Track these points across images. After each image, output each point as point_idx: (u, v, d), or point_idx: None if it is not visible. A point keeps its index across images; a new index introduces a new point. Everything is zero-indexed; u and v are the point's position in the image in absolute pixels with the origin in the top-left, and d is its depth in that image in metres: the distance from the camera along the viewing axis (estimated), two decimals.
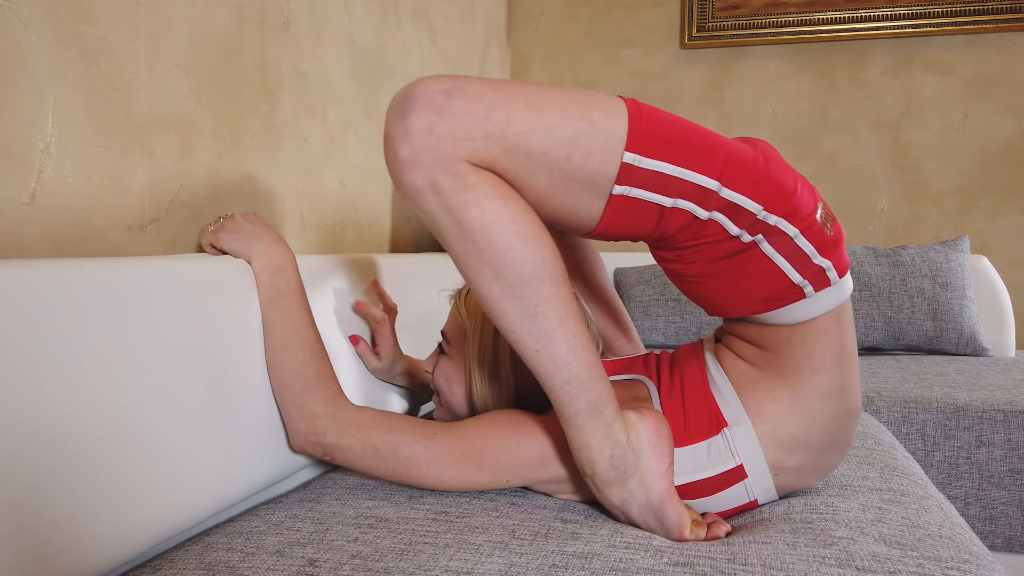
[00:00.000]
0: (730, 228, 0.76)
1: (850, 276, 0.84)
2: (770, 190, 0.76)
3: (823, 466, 0.88)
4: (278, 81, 1.30)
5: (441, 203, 0.70)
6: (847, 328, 0.84)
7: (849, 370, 0.85)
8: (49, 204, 0.85)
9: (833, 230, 0.80)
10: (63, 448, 0.62)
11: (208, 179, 1.12)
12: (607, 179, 0.73)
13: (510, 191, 0.72)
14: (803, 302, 0.81)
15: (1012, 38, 2.38)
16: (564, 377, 0.75)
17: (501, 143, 0.70)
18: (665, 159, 0.72)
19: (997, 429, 1.50)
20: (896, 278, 2.08)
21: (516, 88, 0.72)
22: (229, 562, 0.70)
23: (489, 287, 0.73)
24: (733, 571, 0.67)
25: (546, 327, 0.74)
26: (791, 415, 0.84)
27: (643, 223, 0.76)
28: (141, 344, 0.72)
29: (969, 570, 0.70)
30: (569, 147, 0.71)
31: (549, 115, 0.71)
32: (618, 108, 0.73)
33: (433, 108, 0.69)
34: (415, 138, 0.69)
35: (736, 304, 0.83)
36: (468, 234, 0.71)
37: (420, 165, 0.69)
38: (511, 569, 0.68)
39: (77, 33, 0.88)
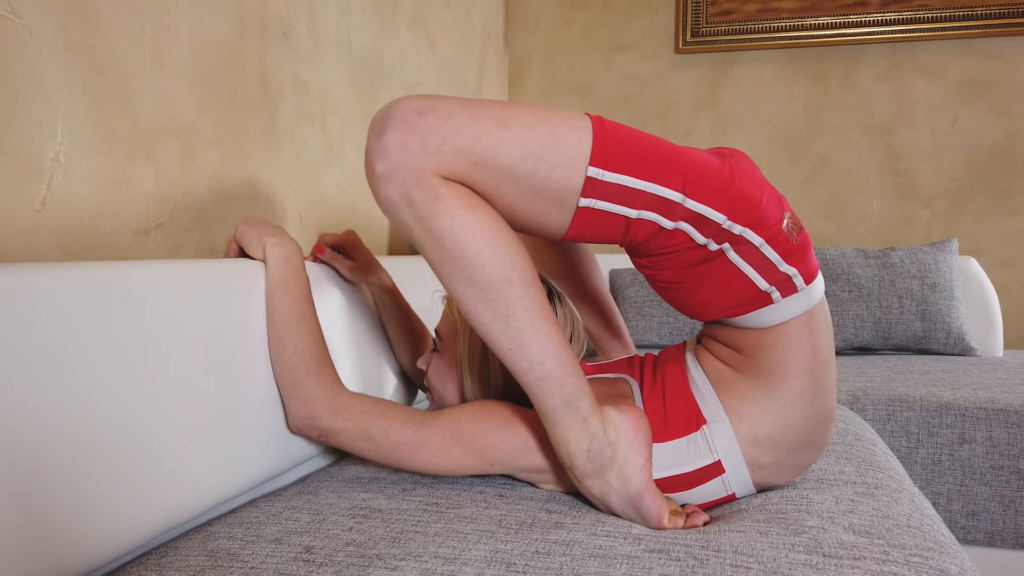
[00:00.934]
0: (696, 237, 0.80)
1: (821, 282, 0.88)
2: (734, 201, 0.79)
3: (798, 464, 0.92)
4: (278, 89, 1.34)
5: (414, 214, 0.75)
6: (819, 332, 0.87)
7: (822, 373, 0.88)
8: (58, 210, 0.89)
9: (799, 239, 0.84)
10: (74, 443, 0.66)
11: (211, 185, 1.16)
12: (572, 192, 0.77)
13: (478, 201, 0.77)
14: (771, 307, 0.84)
15: (1001, 43, 2.42)
16: (538, 374, 0.79)
17: (469, 157, 0.75)
18: (628, 173, 0.76)
19: (979, 427, 1.54)
20: (885, 279, 2.12)
21: (486, 107, 0.77)
22: (230, 549, 0.74)
23: (462, 291, 0.78)
24: (706, 557, 0.71)
25: (517, 327, 0.78)
26: (767, 415, 0.88)
27: (611, 232, 0.81)
28: (146, 344, 0.76)
29: (931, 557, 0.74)
30: (535, 161, 0.76)
31: (516, 131, 0.76)
32: (583, 125, 0.77)
33: (407, 126, 0.74)
34: (390, 154, 0.74)
35: (709, 309, 0.87)
36: (439, 242, 0.76)
37: (394, 179, 0.74)
38: (496, 555, 0.72)
39: (85, 46, 0.92)
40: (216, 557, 0.72)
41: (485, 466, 0.91)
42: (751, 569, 0.69)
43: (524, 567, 0.69)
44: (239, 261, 0.96)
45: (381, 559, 0.71)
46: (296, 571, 0.69)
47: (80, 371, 0.68)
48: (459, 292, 0.78)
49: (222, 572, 0.69)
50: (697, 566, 0.69)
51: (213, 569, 0.70)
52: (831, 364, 0.89)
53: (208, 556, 0.73)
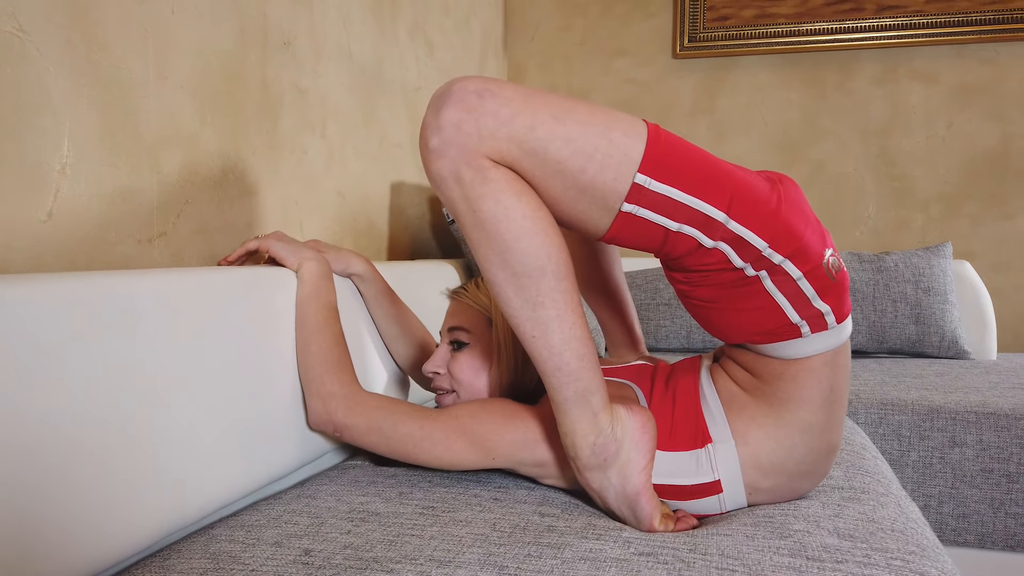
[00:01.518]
0: (734, 260, 0.80)
1: (850, 323, 0.88)
2: (777, 229, 0.79)
3: (795, 490, 0.93)
4: (279, 98, 1.36)
5: (461, 192, 0.77)
6: (839, 371, 0.88)
7: (834, 410, 0.89)
8: (64, 221, 0.92)
9: (838, 277, 0.84)
10: (79, 449, 0.69)
11: (212, 194, 1.18)
12: (617, 196, 0.78)
13: (525, 188, 0.78)
14: (799, 340, 0.85)
15: (995, 48, 2.44)
16: (556, 364, 0.81)
17: (522, 146, 0.76)
18: (675, 185, 0.77)
19: (969, 430, 1.56)
20: (880, 283, 2.14)
21: (544, 98, 0.78)
22: (232, 552, 0.77)
23: (496, 273, 0.80)
24: (693, 560, 0.74)
25: (544, 316, 0.80)
26: (772, 442, 0.89)
27: (649, 241, 0.82)
28: (149, 351, 0.79)
29: (912, 560, 0.76)
30: (585, 160, 0.77)
31: (570, 128, 0.77)
32: (638, 131, 0.78)
33: (464, 106, 0.75)
34: (445, 131, 0.75)
35: (736, 332, 0.88)
36: (482, 223, 0.78)
37: (446, 155, 0.76)
38: (489, 558, 0.74)
39: (90, 61, 0.94)
40: (218, 560, 0.75)
41: (487, 459, 0.93)
42: (736, 572, 0.71)
43: (516, 570, 0.72)
44: (241, 269, 0.98)
45: (378, 562, 0.73)
46: (295, 573, 0.71)
47: (86, 378, 0.70)
48: (492, 273, 0.81)
49: (223, 574, 0.71)
50: (684, 569, 0.72)
51: (215, 571, 0.72)
52: (844, 402, 0.90)
53: (210, 559, 0.75)
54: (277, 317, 1.00)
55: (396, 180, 1.91)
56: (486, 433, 0.93)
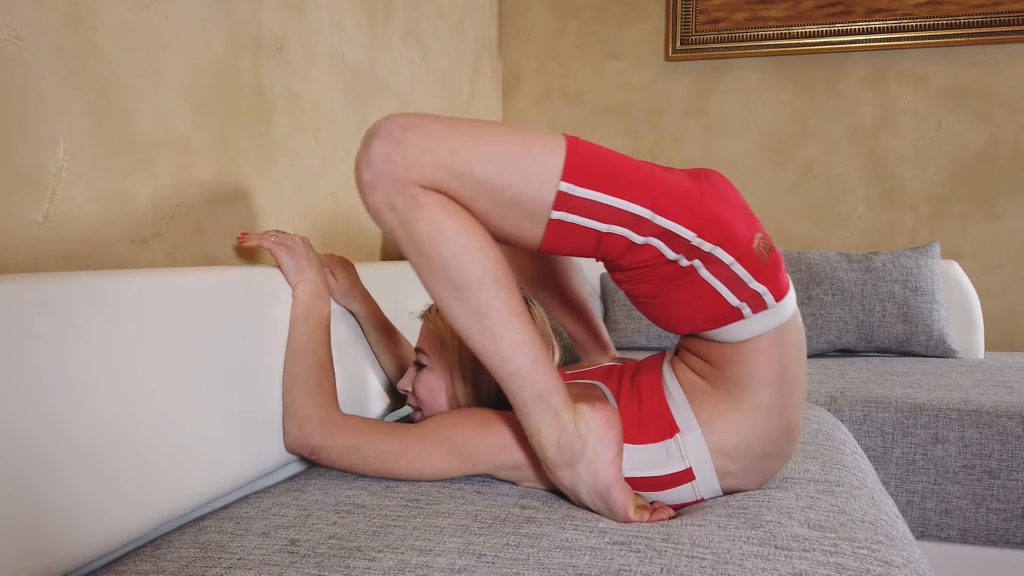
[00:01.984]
0: (667, 252, 0.84)
1: (792, 301, 0.91)
2: (703, 220, 0.83)
3: (764, 472, 0.97)
4: (272, 103, 1.39)
5: (397, 219, 0.82)
6: (789, 350, 0.91)
7: (790, 390, 0.92)
8: (60, 223, 0.94)
9: (770, 258, 0.87)
10: (74, 444, 0.72)
11: (206, 196, 1.21)
12: (544, 205, 0.83)
13: (457, 208, 0.83)
14: (742, 323, 0.88)
15: (983, 51, 2.47)
16: (510, 370, 0.85)
17: (448, 170, 0.81)
18: (598, 189, 0.82)
19: (952, 427, 1.59)
20: (868, 283, 2.17)
21: (467, 125, 0.83)
22: (220, 542, 0.79)
23: (440, 291, 0.84)
24: (664, 549, 0.76)
25: (490, 325, 0.84)
26: (735, 426, 0.92)
27: (583, 245, 0.86)
28: (143, 348, 0.82)
29: (878, 550, 0.79)
30: (509, 176, 0.82)
31: (492, 147, 0.82)
32: (558, 143, 0.83)
33: (391, 140, 0.80)
34: (375, 164, 0.81)
35: (682, 322, 0.91)
36: (419, 245, 0.82)
37: (379, 187, 0.81)
38: (468, 547, 0.77)
39: (85, 67, 0.97)
40: (207, 549, 0.78)
41: (466, 467, 0.96)
42: (705, 559, 0.74)
43: (493, 558, 0.74)
44: (235, 269, 1.01)
45: (361, 551, 0.76)
46: (281, 562, 0.74)
47: (82, 376, 0.73)
48: (437, 291, 0.85)
49: (211, 563, 0.74)
50: (655, 556, 0.74)
51: (203, 560, 0.75)
52: (800, 381, 0.93)
53: (199, 548, 0.78)
54: (270, 315, 1.03)
55: None
56: (464, 440, 0.96)
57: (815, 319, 2.18)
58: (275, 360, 1.03)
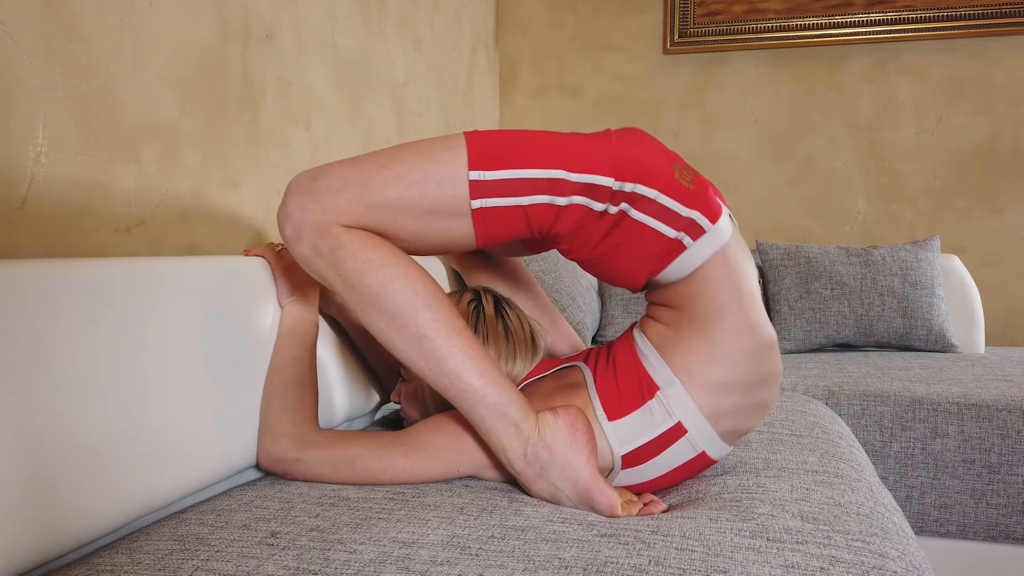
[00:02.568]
0: (594, 206, 0.86)
1: (727, 221, 0.91)
2: (616, 163, 0.85)
3: (759, 403, 0.95)
4: (262, 91, 1.37)
5: (325, 263, 0.85)
6: (738, 268, 0.91)
7: (752, 306, 0.91)
8: (39, 209, 0.92)
9: (695, 184, 0.88)
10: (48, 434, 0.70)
11: (193, 184, 1.19)
12: (462, 200, 0.85)
13: (379, 241, 0.85)
14: (686, 253, 0.88)
15: (984, 43, 2.45)
16: (459, 387, 0.85)
17: (362, 202, 0.84)
18: (506, 167, 0.84)
19: (951, 421, 1.57)
20: (867, 277, 2.14)
21: (370, 157, 0.87)
22: (199, 534, 0.78)
23: (376, 323, 0.86)
24: (653, 541, 0.74)
25: (430, 347, 0.84)
26: (711, 361, 0.90)
27: (515, 225, 0.87)
28: (123, 338, 0.80)
29: (873, 542, 0.77)
30: (420, 187, 0.84)
31: (396, 168, 0.85)
32: (457, 141, 0.86)
33: (303, 191, 0.84)
34: (293, 217, 0.84)
35: (634, 272, 0.91)
36: (349, 283, 0.84)
37: (303, 237, 0.84)
38: (453, 540, 0.75)
39: (66, 51, 0.95)
40: (184, 541, 0.76)
41: (451, 471, 0.94)
42: (694, 552, 0.72)
43: (478, 550, 0.72)
44: (219, 259, 0.99)
45: (342, 543, 0.74)
46: (259, 554, 0.72)
47: (58, 365, 0.71)
48: (374, 326, 0.86)
49: (188, 555, 0.72)
50: (643, 549, 0.72)
51: (180, 552, 0.73)
52: (756, 294, 0.93)
53: (177, 540, 0.76)
54: (256, 305, 1.01)
55: None
56: (447, 444, 0.94)
57: (814, 313, 2.16)
58: (260, 351, 1.01)
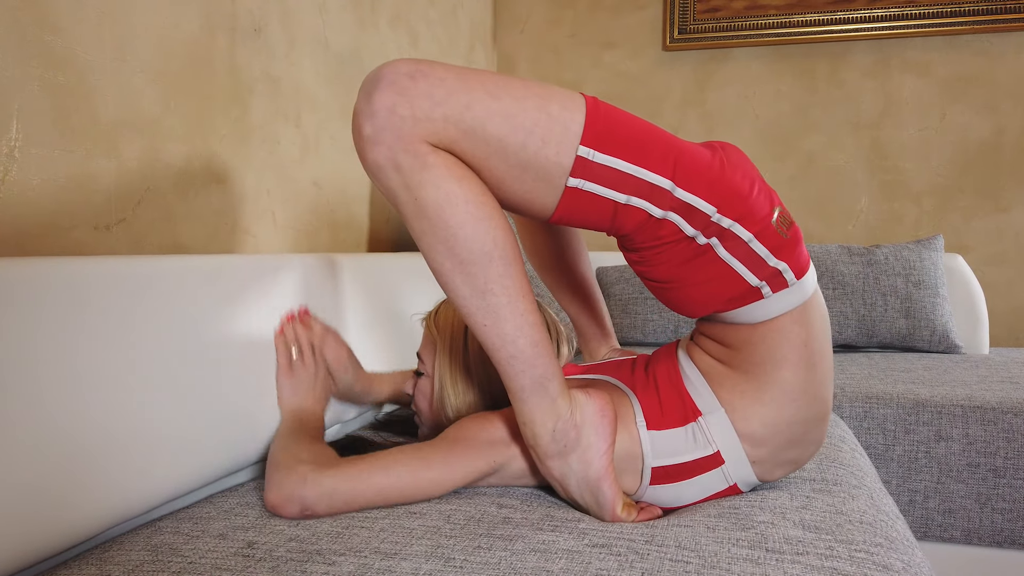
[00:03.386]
0: (686, 229, 0.78)
1: (813, 276, 0.86)
2: (724, 193, 0.78)
3: (791, 460, 0.91)
4: (249, 86, 1.34)
5: (401, 180, 0.74)
6: (811, 328, 0.85)
7: (815, 367, 0.86)
8: (13, 206, 0.89)
9: (790, 233, 0.82)
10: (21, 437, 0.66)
11: (177, 181, 1.16)
12: (562, 170, 0.76)
13: (466, 172, 0.76)
14: (762, 302, 0.83)
15: (989, 39, 2.41)
16: (510, 352, 0.79)
17: (459, 126, 0.73)
18: (619, 155, 0.75)
19: (955, 424, 1.53)
20: (870, 276, 2.11)
21: (479, 76, 0.76)
22: (173, 544, 0.74)
23: (441, 263, 0.77)
24: (647, 552, 0.71)
25: (494, 304, 0.77)
26: (759, 407, 0.86)
27: (599, 217, 0.79)
28: (100, 341, 0.76)
29: (876, 553, 0.74)
30: (525, 135, 0.74)
31: (507, 103, 0.74)
32: (576, 103, 0.76)
33: (397, 88, 0.72)
34: (378, 117, 0.72)
35: (699, 305, 0.85)
36: (423, 211, 0.75)
37: (382, 143, 0.73)
38: (437, 551, 0.72)
39: (42, 42, 0.92)
40: (158, 552, 0.73)
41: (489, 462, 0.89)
42: (690, 563, 0.69)
43: (463, 562, 0.69)
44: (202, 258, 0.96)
45: (321, 554, 0.71)
46: (234, 566, 0.69)
47: (28, 367, 0.68)
48: (439, 263, 0.78)
49: (160, 567, 0.69)
50: (636, 560, 0.69)
51: (152, 563, 0.70)
52: (825, 358, 0.88)
53: (150, 551, 0.73)
54: (238, 307, 0.97)
55: None
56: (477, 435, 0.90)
57: None
58: (242, 353, 0.97)
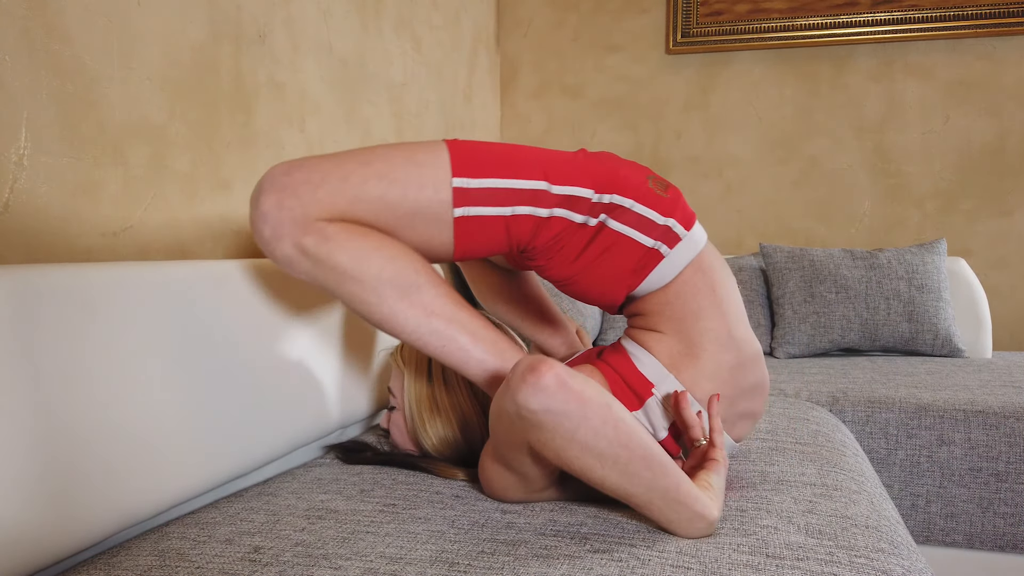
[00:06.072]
0: (574, 218, 0.86)
1: (700, 229, 0.92)
2: (596, 175, 0.86)
3: (744, 413, 0.94)
4: (254, 92, 1.35)
5: (312, 261, 0.81)
6: (712, 273, 0.91)
7: (729, 311, 0.91)
8: (22, 213, 0.90)
9: (669, 193, 0.89)
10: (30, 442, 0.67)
11: (183, 187, 1.17)
12: (445, 206, 0.83)
13: (365, 229, 0.83)
14: (663, 263, 0.88)
15: (992, 43, 2.41)
16: (478, 362, 0.84)
17: (343, 196, 0.81)
18: (491, 175, 0.84)
19: (958, 428, 1.54)
20: (872, 280, 2.11)
21: (350, 152, 0.85)
22: (181, 549, 0.75)
23: (379, 309, 0.83)
24: (648, 557, 0.72)
25: (439, 324, 0.83)
26: (696, 364, 0.90)
27: (495, 237, 0.86)
28: (106, 347, 0.77)
29: (877, 558, 0.74)
30: (402, 187, 0.83)
31: (379, 166, 0.83)
32: (438, 147, 0.85)
33: (277, 187, 0.80)
34: (270, 216, 0.80)
35: (613, 286, 0.90)
36: (344, 274, 0.81)
37: (283, 236, 0.80)
38: (441, 555, 0.72)
39: (50, 51, 0.93)
40: (165, 557, 0.73)
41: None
42: (691, 569, 0.69)
43: (467, 567, 0.70)
44: (208, 263, 0.97)
45: (327, 559, 0.72)
46: (241, 571, 0.70)
47: (35, 375, 0.69)
48: (380, 311, 0.83)
49: (168, 571, 0.70)
50: (638, 566, 0.70)
51: (160, 569, 0.71)
52: (734, 301, 0.93)
53: (157, 556, 0.74)
54: (243, 313, 0.98)
55: None
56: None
57: (818, 317, 2.12)
58: (251, 357, 0.98)
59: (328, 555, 0.73)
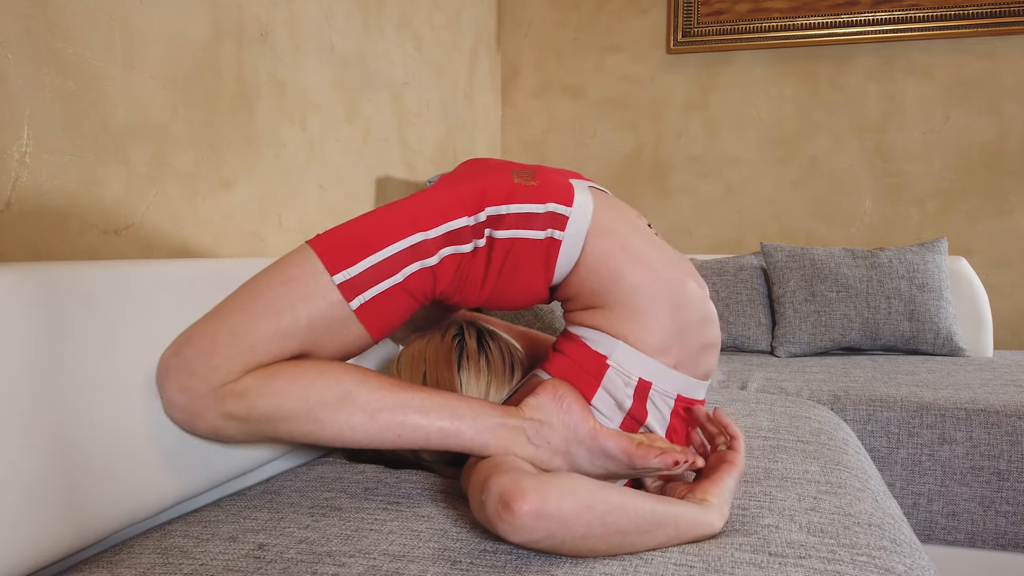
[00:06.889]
0: (462, 249, 0.85)
1: (582, 190, 0.90)
2: (462, 200, 0.85)
3: (706, 344, 0.93)
4: (256, 90, 1.35)
5: (239, 421, 0.79)
6: (613, 230, 0.90)
7: (646, 258, 0.90)
8: (24, 211, 0.90)
9: (538, 178, 0.88)
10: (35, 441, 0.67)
11: (185, 185, 1.17)
12: (340, 306, 0.82)
13: (274, 367, 0.80)
14: (564, 247, 0.88)
15: (992, 43, 2.42)
16: (438, 432, 0.81)
17: (239, 351, 0.79)
18: (365, 255, 0.82)
19: (959, 427, 1.54)
20: (873, 279, 2.11)
21: (228, 302, 0.82)
22: (183, 547, 0.75)
23: (323, 433, 0.80)
24: (651, 556, 0.72)
25: (386, 416, 0.80)
26: (640, 323, 0.89)
27: (401, 304, 0.85)
28: (106, 344, 0.77)
29: (879, 556, 0.74)
30: (291, 311, 0.80)
31: (260, 302, 0.80)
32: (304, 254, 0.83)
33: (172, 371, 0.79)
34: (179, 402, 0.79)
35: (531, 286, 0.89)
36: (273, 419, 0.79)
37: (201, 412, 0.79)
38: (444, 553, 0.72)
39: (53, 50, 0.93)
40: (168, 555, 0.73)
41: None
42: (693, 568, 0.69)
43: (469, 565, 0.70)
44: (209, 261, 0.97)
45: (331, 556, 0.72)
46: (245, 568, 0.70)
47: (37, 373, 0.69)
48: (321, 436, 0.80)
49: (171, 569, 0.70)
50: (641, 565, 0.70)
51: (163, 566, 0.71)
52: (646, 245, 0.91)
53: (160, 554, 0.74)
54: None
55: (382, 175, 1.90)
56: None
57: (819, 316, 2.13)
58: None
59: (332, 552, 0.73)
